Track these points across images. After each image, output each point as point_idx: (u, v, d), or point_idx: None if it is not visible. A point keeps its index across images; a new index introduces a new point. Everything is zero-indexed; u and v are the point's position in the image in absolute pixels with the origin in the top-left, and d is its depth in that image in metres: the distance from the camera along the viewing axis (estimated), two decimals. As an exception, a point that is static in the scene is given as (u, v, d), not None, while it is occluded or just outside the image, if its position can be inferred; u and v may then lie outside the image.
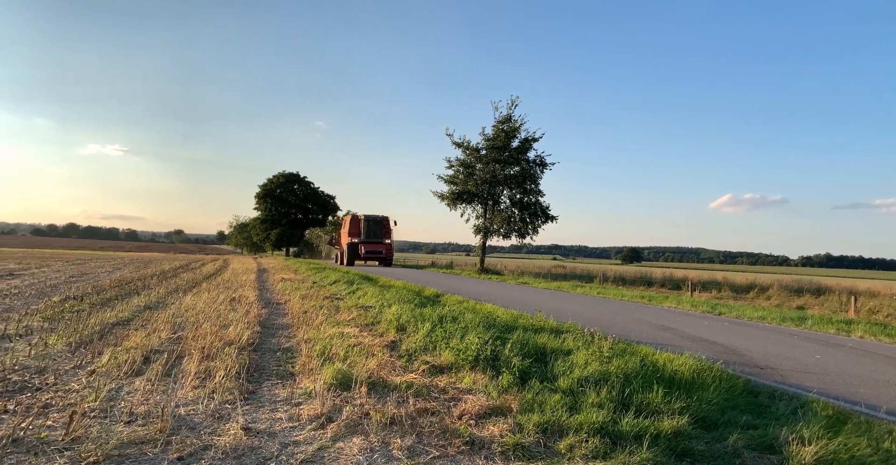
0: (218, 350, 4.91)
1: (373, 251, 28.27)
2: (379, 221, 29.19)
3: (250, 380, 4.25)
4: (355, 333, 6.26)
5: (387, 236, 29.42)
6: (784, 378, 4.85)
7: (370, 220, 29.08)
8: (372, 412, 3.46)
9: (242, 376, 4.22)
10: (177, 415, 3.28)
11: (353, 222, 29.23)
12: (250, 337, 5.73)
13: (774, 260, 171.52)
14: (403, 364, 4.86)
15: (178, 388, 3.81)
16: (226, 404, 3.57)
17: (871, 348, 6.90)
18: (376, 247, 28.57)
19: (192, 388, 3.83)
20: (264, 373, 4.58)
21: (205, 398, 3.64)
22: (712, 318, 9.90)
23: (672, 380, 4.21)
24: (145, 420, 3.16)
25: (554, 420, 3.28)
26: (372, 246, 28.35)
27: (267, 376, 4.47)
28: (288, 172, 57.81)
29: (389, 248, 29.49)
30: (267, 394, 3.92)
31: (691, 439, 3.10)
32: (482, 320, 6.51)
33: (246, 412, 3.46)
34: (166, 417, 3.10)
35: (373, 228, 28.89)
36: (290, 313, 8.26)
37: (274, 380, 4.35)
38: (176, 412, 3.32)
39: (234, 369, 4.30)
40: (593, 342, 5.30)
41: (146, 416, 3.24)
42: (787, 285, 25.09)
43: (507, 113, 24.72)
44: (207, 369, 4.29)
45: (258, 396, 3.88)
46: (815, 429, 3.09)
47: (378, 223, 29.16)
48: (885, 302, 13.93)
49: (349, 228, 29.16)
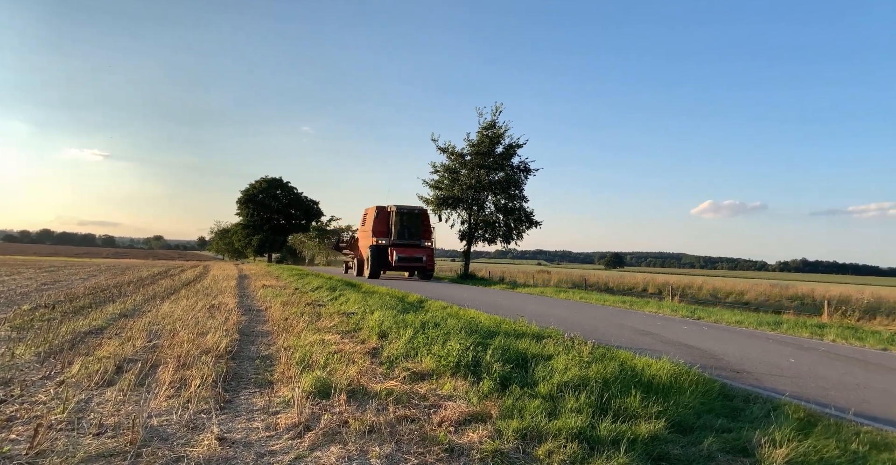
0: (194, 359, 4.82)
1: (409, 258, 20.21)
2: (417, 216, 21.30)
3: (227, 389, 4.17)
4: (336, 340, 6.21)
5: (427, 236, 21.60)
6: (759, 382, 4.94)
7: (405, 213, 21.00)
8: (351, 419, 3.43)
9: (219, 384, 4.14)
10: (149, 426, 3.20)
11: (379, 217, 20.93)
12: (229, 345, 5.63)
13: (753, 265, 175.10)
14: (384, 371, 4.82)
15: (151, 398, 3.71)
16: (201, 413, 3.50)
17: (843, 352, 7.07)
18: (414, 252, 20.43)
19: (166, 398, 3.75)
20: (242, 381, 4.50)
21: (179, 407, 3.55)
22: (691, 322, 10.05)
23: (650, 384, 4.26)
24: (115, 432, 3.08)
25: (533, 426, 3.29)
26: (408, 250, 20.26)
27: (245, 385, 4.39)
28: (271, 177, 57.28)
29: (431, 254, 21.52)
30: (244, 403, 3.85)
31: (667, 443, 3.14)
32: (464, 326, 6.51)
33: (222, 421, 3.39)
34: (137, 428, 3.02)
35: (408, 225, 20.98)
36: (270, 320, 8.14)
37: (252, 388, 4.27)
38: (148, 423, 3.24)
39: (211, 378, 4.21)
40: (573, 347, 5.33)
41: (116, 427, 3.15)
42: (765, 291, 25.64)
43: (492, 119, 24.89)
44: (183, 378, 4.20)
45: (235, 405, 3.80)
46: (787, 431, 3.15)
47: (416, 218, 21.26)
48: (855, 306, 14.32)
49: (374, 225, 20.79)
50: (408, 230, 21.06)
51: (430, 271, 21.81)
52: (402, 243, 20.66)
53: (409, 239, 20.93)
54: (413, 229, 21.16)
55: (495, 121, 24.89)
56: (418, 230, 21.30)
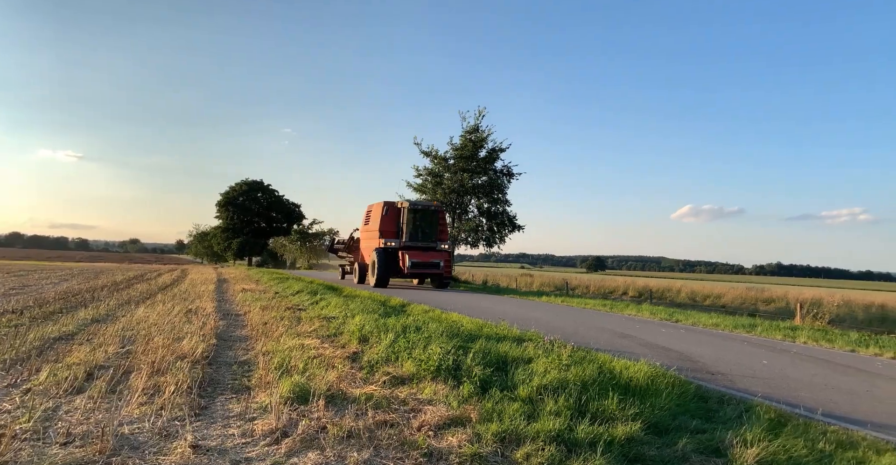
0: (169, 364, 4.71)
1: (424, 264, 17.10)
2: (433, 213, 18.20)
3: (203, 395, 4.09)
4: (316, 344, 6.14)
5: (444, 238, 18.59)
6: (733, 383, 5.05)
7: (418, 210, 17.81)
8: (329, 425, 3.39)
9: (195, 390, 4.06)
10: (119, 434, 3.12)
11: (388, 215, 17.71)
12: (205, 350, 5.53)
13: (730, 269, 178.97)
14: (364, 376, 4.79)
15: (122, 405, 3.62)
16: (175, 420, 3.43)
17: (813, 353, 7.28)
18: (430, 256, 17.31)
19: (138, 405, 3.66)
20: (219, 387, 4.42)
21: (152, 415, 3.47)
22: (670, 325, 10.22)
23: (628, 387, 4.32)
24: (83, 441, 2.99)
25: (512, 429, 3.30)
26: (423, 255, 17.16)
27: (221, 391, 4.32)
28: (251, 179, 56.66)
29: (449, 259, 18.53)
30: (220, 409, 3.79)
31: (643, 444, 3.18)
32: (446, 330, 6.51)
33: (196, 428, 3.33)
34: (107, 436, 2.94)
35: (422, 224, 17.79)
36: (249, 325, 8.02)
37: (228, 394, 4.20)
38: (119, 431, 3.16)
39: (186, 384, 4.13)
40: (553, 350, 5.37)
41: (85, 436, 3.06)
42: (741, 295, 26.24)
43: (475, 123, 25.05)
44: (157, 384, 4.11)
45: (210, 411, 3.74)
46: (758, 432, 3.23)
47: (431, 216, 18.13)
48: (826, 309, 14.76)
49: (381, 223, 17.69)
50: (421, 231, 17.78)
51: (448, 278, 18.61)
52: (416, 246, 17.42)
53: (423, 241, 17.66)
54: (428, 230, 17.96)
55: (478, 125, 25.07)
56: (434, 230, 18.11)
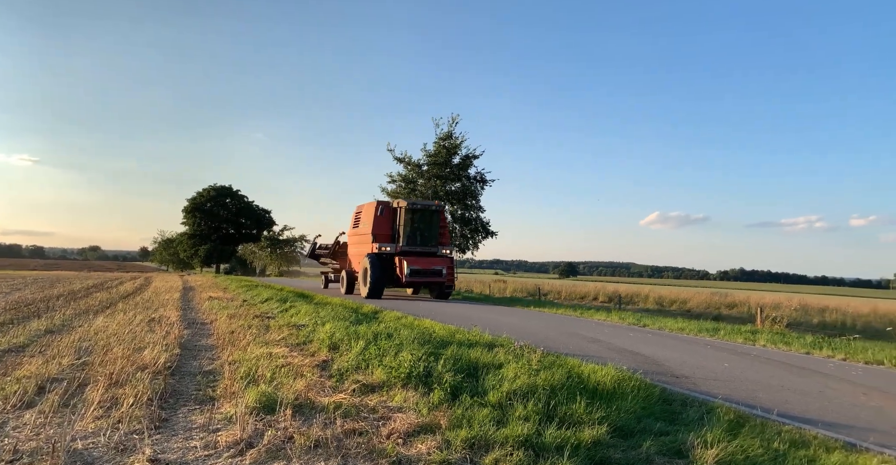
0: (129, 376, 4.54)
1: (424, 272, 15.10)
2: (434, 213, 16.19)
3: (164, 407, 3.96)
4: (285, 353, 6.03)
5: (445, 241, 16.65)
6: (696, 386, 5.20)
7: (417, 210, 15.84)
8: (296, 435, 3.33)
9: (155, 402, 3.92)
10: (72, 450, 2.98)
11: (382, 216, 15.68)
12: (168, 360, 5.35)
13: (696, 274, 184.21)
14: (334, 384, 4.73)
15: (76, 419, 3.46)
16: (133, 434, 3.30)
17: (772, 356, 7.57)
18: (431, 262, 15.32)
19: (93, 419, 3.51)
20: (181, 398, 4.29)
21: (108, 428, 3.34)
22: (637, 329, 10.45)
23: (595, 390, 4.39)
24: (32, 458, 2.85)
25: (481, 435, 3.32)
26: (423, 261, 15.23)
27: (184, 402, 4.19)
28: (219, 185, 55.43)
29: (452, 265, 16.25)
30: (182, 421, 3.67)
31: (609, 447, 3.24)
32: (417, 337, 6.49)
33: (156, 441, 3.21)
34: (58, 452, 2.81)
35: (421, 226, 15.92)
36: (215, 334, 7.81)
37: (191, 405, 4.08)
38: (71, 447, 3.02)
39: (147, 396, 3.99)
40: (523, 356, 5.42)
41: (34, 453, 2.91)
42: (706, 300, 27.08)
43: (448, 130, 25.18)
44: (115, 396, 3.95)
45: (172, 423, 3.62)
46: (718, 433, 3.34)
47: (431, 217, 16.14)
48: (784, 313, 15.39)
49: (374, 226, 15.68)
50: (421, 233, 15.88)
51: (450, 287, 16.49)
52: (414, 251, 15.50)
53: (422, 245, 15.75)
54: (428, 232, 16.01)
55: (452, 131, 25.20)
56: (434, 233, 16.11)
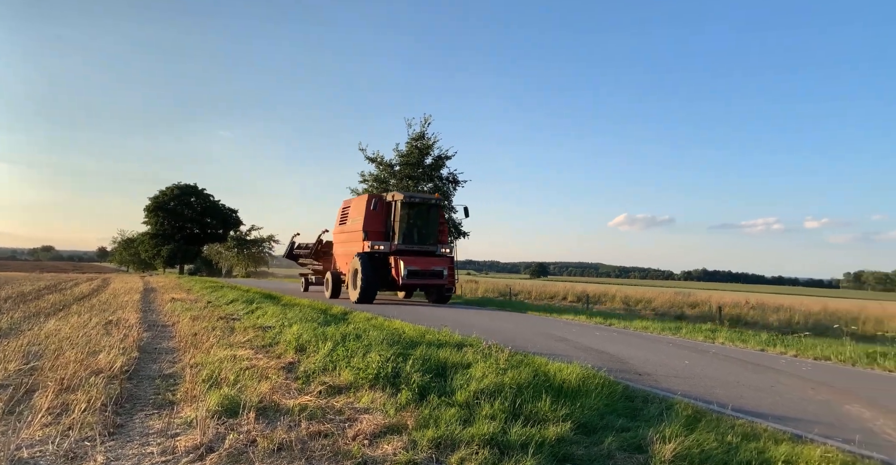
0: (82, 380, 4.35)
1: (423, 273, 13.85)
2: (433, 208, 14.84)
3: (120, 412, 3.82)
4: (250, 355, 5.90)
5: (444, 239, 15.44)
6: (657, 383, 5.36)
7: (416, 204, 14.53)
8: (259, 438, 3.27)
9: (109, 408, 3.78)
10: (17, 458, 2.84)
11: (375, 210, 14.27)
12: (125, 364, 5.16)
13: (661, 274, 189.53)
14: (300, 386, 4.66)
15: (22, 427, 3.29)
16: (84, 441, 3.17)
17: (729, 353, 7.87)
18: (430, 263, 14.07)
19: (41, 426, 3.34)
20: (138, 403, 4.14)
21: (57, 436, 3.19)
22: (604, 328, 10.69)
23: (561, 388, 4.47)
24: (-25, 467, 2.71)
25: (448, 434, 3.33)
26: (421, 261, 13.98)
27: (141, 407, 4.05)
28: (184, 183, 53.71)
29: (452, 266, 14.82)
30: (138, 427, 3.55)
31: (572, 444, 3.31)
32: (387, 337, 6.46)
33: (109, 448, 3.10)
34: (2, 462, 2.67)
35: (418, 222, 14.57)
36: (177, 336, 7.57)
37: (149, 410, 3.95)
38: (16, 455, 2.87)
39: (100, 401, 3.83)
40: (492, 355, 5.47)
41: (-23, 462, 2.77)
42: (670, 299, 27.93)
43: (421, 130, 25.14)
44: (65, 402, 3.78)
45: (127, 429, 3.49)
46: (676, 428, 3.45)
47: (430, 212, 14.79)
48: (742, 311, 16.04)
49: (366, 221, 14.28)
50: (418, 231, 14.49)
51: (450, 290, 15.16)
52: (412, 250, 14.19)
53: (420, 243, 14.42)
54: (426, 229, 14.64)
55: (424, 132, 25.17)
56: (433, 230, 14.77)
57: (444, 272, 14.14)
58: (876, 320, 18.15)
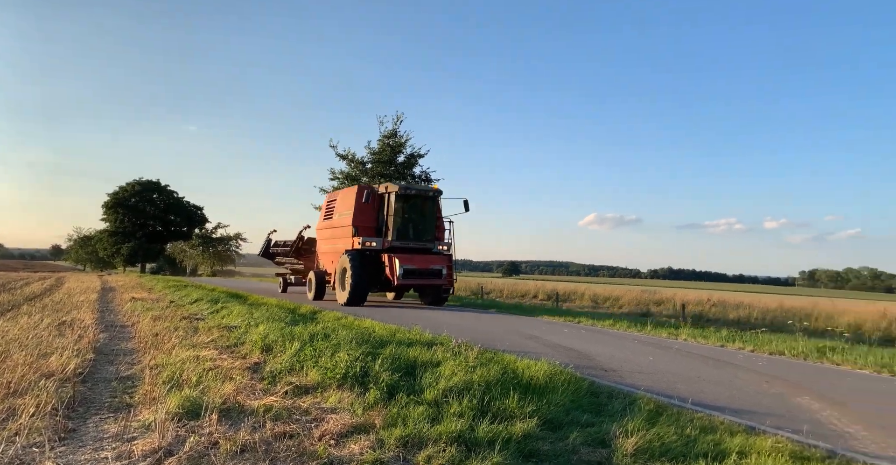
0: (31, 384, 4.15)
1: (420, 273, 12.77)
2: (430, 201, 13.66)
3: (72, 416, 3.66)
4: (214, 355, 5.75)
5: (441, 235, 14.21)
6: (622, 378, 5.49)
7: (412, 197, 13.38)
8: (222, 440, 3.19)
9: (60, 412, 3.61)
10: (-42, 467, 2.69)
11: (367, 203, 13.18)
12: (79, 366, 4.95)
13: (629, 273, 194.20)
14: (265, 387, 4.56)
15: (-35, 433, 3.12)
16: (32, 447, 3.02)
17: (691, 349, 8.14)
18: (428, 261, 13.02)
19: (-15, 432, 3.17)
20: (93, 407, 3.98)
21: (2, 442, 3.02)
22: (572, 326, 10.88)
23: (529, 385, 4.53)
24: None
25: (415, 433, 3.32)
26: (418, 259, 12.90)
27: (96, 410, 3.89)
28: (146, 179, 51.77)
29: (451, 265, 13.78)
30: (92, 431, 3.40)
31: (538, 440, 3.36)
32: (356, 337, 6.40)
33: (60, 454, 2.96)
34: (-59, 470, 2.52)
35: (413, 216, 13.49)
36: (137, 337, 7.31)
37: (104, 414, 3.79)
38: (-43, 463, 2.72)
39: (51, 405, 3.66)
40: (461, 353, 5.49)
41: (-88, 472, 2.60)
42: (636, 297, 28.67)
43: (393, 128, 25.00)
44: (12, 407, 3.60)
45: (80, 434, 3.35)
46: (638, 422, 3.54)
47: (427, 205, 13.64)
48: (704, 308, 16.62)
49: (356, 215, 13.23)
50: (414, 226, 13.39)
51: (448, 291, 14.02)
52: (407, 247, 13.11)
53: (416, 240, 13.34)
54: (422, 224, 13.51)
55: (396, 130, 25.04)
56: (430, 225, 13.61)
57: (443, 271, 13.10)
58: (827, 317, 19.07)
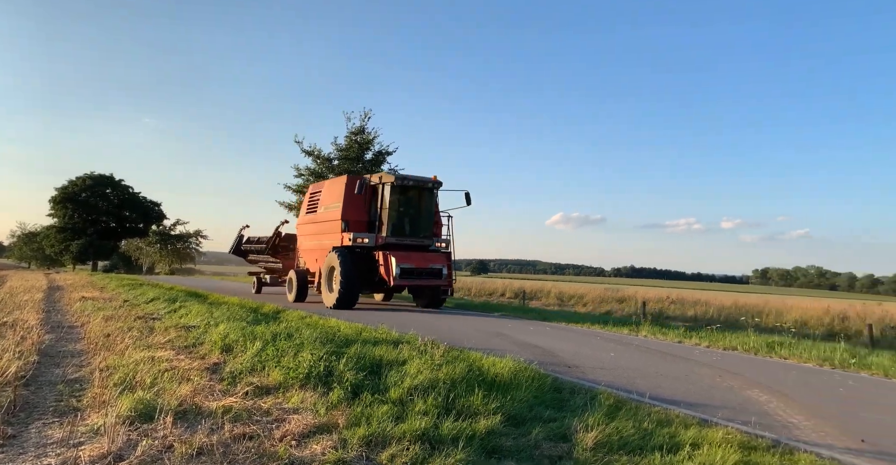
0: (-33, 389, 3.89)
1: (418, 272, 11.60)
2: (428, 193, 12.49)
3: (13, 422, 3.45)
4: (170, 356, 5.54)
5: (439, 231, 13.01)
6: (584, 374, 5.62)
7: (410, 188, 12.22)
8: (177, 443, 3.08)
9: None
10: None
11: (361, 194, 11.82)
12: (21, 369, 4.67)
13: (593, 271, 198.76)
14: (225, 388, 4.43)
15: None
16: (-33, 455, 2.83)
17: (651, 345, 8.41)
18: (427, 260, 11.86)
19: (-86, 440, 2.95)
20: (36, 411, 3.77)
21: (-67, 451, 2.83)
22: (538, 323, 11.05)
23: (493, 382, 4.57)
24: None
25: (379, 432, 3.30)
26: (416, 258, 11.75)
27: (39, 415, 3.69)
28: (98, 173, 49.36)
29: (450, 264, 12.57)
30: (35, 437, 3.22)
31: (502, 436, 3.39)
32: (320, 336, 6.30)
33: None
34: None
35: (409, 209, 12.45)
36: (86, 338, 6.96)
37: (49, 419, 3.60)
38: None
39: (-11, 411, 3.44)
40: (427, 351, 5.49)
41: None
42: (600, 295, 29.40)
43: (361, 124, 24.70)
44: (-55, 413, 3.36)
45: (21, 440, 3.16)
46: (598, 417, 3.63)
47: (424, 197, 12.53)
48: (664, 306, 17.21)
49: (345, 207, 12.09)
50: (410, 220, 12.35)
51: (446, 293, 12.85)
52: (403, 244, 12.03)
53: (412, 236, 12.27)
54: (420, 219, 12.42)
55: (364, 126, 24.76)
56: (428, 220, 12.52)
57: (444, 271, 11.94)
58: (777, 313, 20.07)
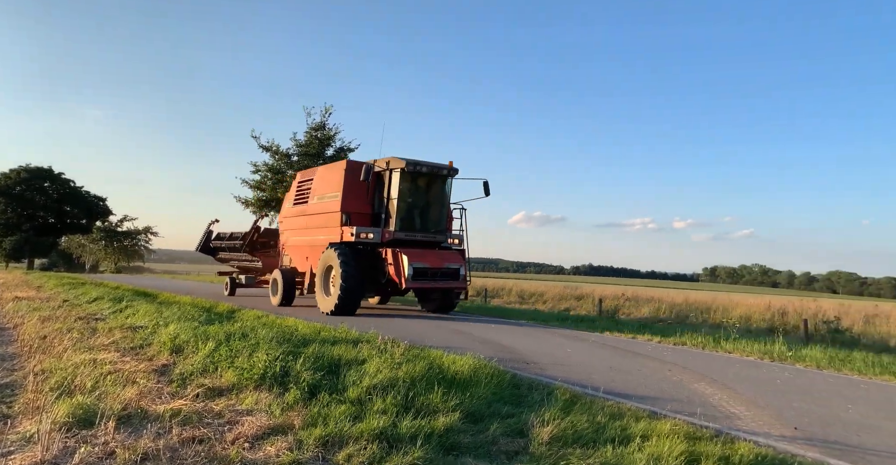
0: None
1: (434, 273, 10.27)
2: (441, 181, 11.07)
3: (-68, 432, 3.17)
4: (115, 358, 5.27)
5: (450, 226, 11.66)
6: (542, 371, 5.73)
7: (421, 175, 10.73)
8: (119, 449, 2.93)
9: (-83, 428, 3.13)
10: None
11: (365, 181, 10.34)
12: (-55, 375, 4.31)
13: (554, 269, 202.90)
14: (174, 390, 4.25)
15: None
16: None
17: (606, 342, 8.67)
18: (442, 259, 10.57)
19: None
20: (-40, 420, 3.48)
21: None
22: (500, 320, 11.19)
23: (454, 379, 4.58)
24: None
25: (336, 432, 3.25)
26: (431, 257, 10.43)
27: (-36, 424, 3.41)
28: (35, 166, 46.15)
29: (465, 263, 11.02)
30: (-42, 448, 2.98)
31: (460, 433, 3.40)
32: (277, 336, 6.14)
33: (-86, 476, 2.56)
34: None
35: (421, 201, 11.02)
36: (20, 340, 6.52)
37: (-25, 428, 3.33)
38: None
39: None
40: (387, 350, 5.45)
41: None
42: (559, 293, 30.04)
43: (321, 120, 24.22)
44: None
45: (-58, 452, 2.91)
46: (554, 412, 3.71)
47: (435, 186, 11.09)
48: (619, 303, 17.78)
49: (345, 198, 10.64)
50: (421, 213, 10.95)
51: (459, 296, 11.63)
52: (414, 240, 10.69)
53: (423, 231, 10.89)
54: (432, 212, 11.03)
55: (325, 122, 24.29)
56: (442, 213, 11.16)
57: (461, 271, 10.63)
58: (724, 310, 21.07)
